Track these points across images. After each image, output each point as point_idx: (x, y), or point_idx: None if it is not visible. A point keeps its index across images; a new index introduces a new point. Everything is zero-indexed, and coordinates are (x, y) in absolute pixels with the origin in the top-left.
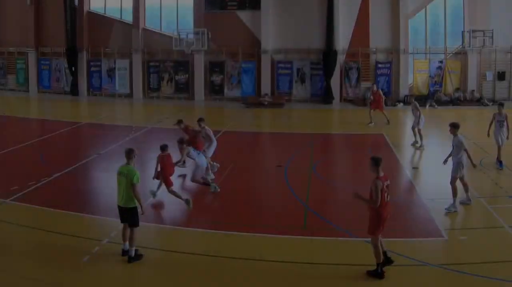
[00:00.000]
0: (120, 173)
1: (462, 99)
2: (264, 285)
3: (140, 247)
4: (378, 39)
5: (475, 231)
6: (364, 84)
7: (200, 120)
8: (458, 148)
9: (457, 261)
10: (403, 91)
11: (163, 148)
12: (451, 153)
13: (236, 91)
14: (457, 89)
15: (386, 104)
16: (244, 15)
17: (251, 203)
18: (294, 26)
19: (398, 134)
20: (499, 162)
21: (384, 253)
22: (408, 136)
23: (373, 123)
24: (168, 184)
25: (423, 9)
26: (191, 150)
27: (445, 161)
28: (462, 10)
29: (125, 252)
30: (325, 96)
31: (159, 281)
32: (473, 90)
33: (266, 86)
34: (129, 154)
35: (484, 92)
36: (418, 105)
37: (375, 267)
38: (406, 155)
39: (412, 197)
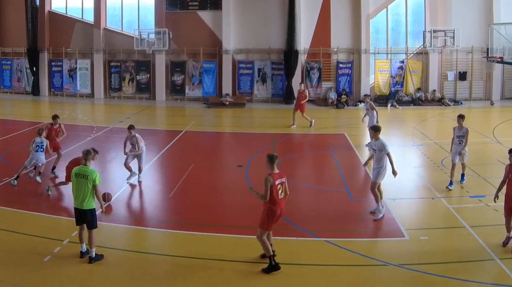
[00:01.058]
0: (78, 174)
1: (423, 99)
2: (225, 285)
3: (101, 247)
4: (339, 39)
5: (437, 231)
6: (326, 84)
7: (130, 128)
8: (381, 152)
9: (418, 261)
10: (365, 91)
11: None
12: (371, 156)
13: (197, 91)
14: (418, 89)
15: (347, 104)
16: (205, 15)
17: (211, 203)
18: (255, 26)
19: (360, 134)
20: (451, 183)
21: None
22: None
23: (295, 125)
24: None
25: (384, 9)
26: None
27: (365, 164)
28: (424, 10)
29: (83, 254)
30: (286, 96)
31: (120, 281)
32: (434, 90)
33: (227, 86)
34: (87, 155)
35: (445, 92)
36: (374, 104)
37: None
38: (367, 155)
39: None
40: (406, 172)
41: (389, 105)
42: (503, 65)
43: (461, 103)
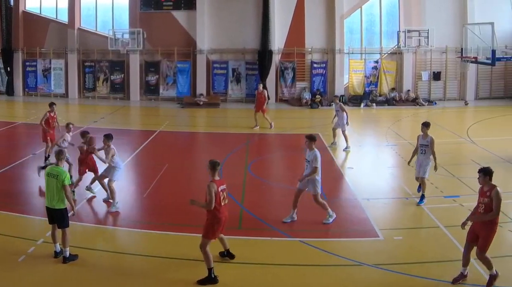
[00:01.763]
0: (49, 174)
1: (397, 99)
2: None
3: (75, 247)
4: (313, 39)
5: (411, 231)
6: (300, 84)
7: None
8: (314, 162)
9: (392, 261)
10: (339, 91)
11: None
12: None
13: (172, 91)
14: (393, 89)
15: (321, 104)
16: (180, 15)
17: (185, 203)
18: (229, 26)
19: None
20: (421, 196)
21: (227, 250)
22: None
23: (258, 127)
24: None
25: (358, 9)
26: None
27: (301, 180)
28: (398, 10)
29: (57, 254)
30: None
31: (94, 281)
32: (408, 90)
33: (201, 86)
34: (59, 155)
35: (419, 92)
36: (343, 106)
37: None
38: (341, 155)
39: (348, 197)
40: (380, 172)
41: (362, 105)
42: (477, 65)
43: (435, 103)
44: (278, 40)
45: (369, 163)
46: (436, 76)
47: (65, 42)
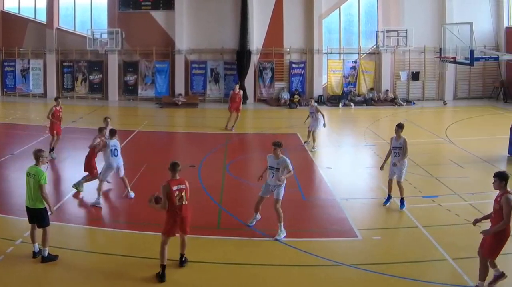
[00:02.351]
0: (28, 174)
1: (376, 99)
2: (177, 285)
3: (53, 247)
4: (292, 39)
5: (389, 231)
6: (278, 84)
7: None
8: (284, 169)
9: (371, 261)
10: (317, 91)
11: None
12: (273, 174)
13: (150, 91)
14: (371, 89)
15: (300, 104)
16: (158, 15)
17: None
18: (208, 26)
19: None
20: (388, 198)
21: (181, 254)
22: (323, 136)
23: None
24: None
25: (337, 9)
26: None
27: (257, 177)
28: (376, 10)
29: (35, 254)
30: None
31: (73, 281)
32: (387, 90)
33: (180, 86)
34: (37, 154)
35: (398, 92)
36: (319, 107)
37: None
38: (320, 155)
39: (326, 197)
40: (358, 172)
41: (341, 105)
42: (456, 65)
43: (414, 103)
44: (256, 40)
45: (347, 163)
46: (415, 76)
47: (44, 42)
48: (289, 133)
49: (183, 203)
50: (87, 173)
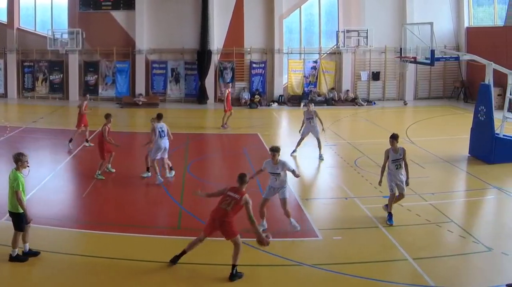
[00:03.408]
0: (9, 177)
1: (336, 99)
2: (137, 285)
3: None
4: (252, 39)
5: (350, 231)
6: (239, 84)
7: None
8: (286, 171)
9: (332, 261)
10: (278, 91)
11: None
12: (276, 179)
13: (111, 91)
14: (332, 89)
15: (260, 104)
16: (119, 15)
17: (125, 202)
18: (168, 26)
19: (273, 134)
20: (390, 216)
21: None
22: (283, 136)
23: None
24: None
25: (298, 9)
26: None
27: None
28: (337, 10)
29: (25, 254)
30: (200, 96)
31: (33, 282)
32: (347, 90)
33: (140, 86)
34: (16, 158)
35: (358, 92)
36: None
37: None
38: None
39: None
40: (319, 172)
41: (302, 105)
42: (416, 65)
43: (374, 103)
44: (217, 40)
45: (308, 163)
46: (375, 76)
47: (4, 42)
48: (249, 133)
49: (226, 208)
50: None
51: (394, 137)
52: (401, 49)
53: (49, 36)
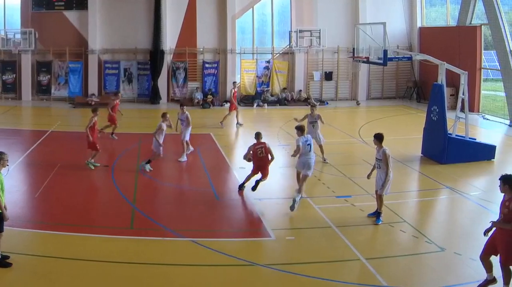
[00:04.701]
0: None
1: (289, 99)
2: (89, 285)
3: None
4: (205, 39)
5: (303, 231)
6: (192, 84)
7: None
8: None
9: (284, 261)
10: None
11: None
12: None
13: (64, 91)
14: (284, 89)
15: (213, 104)
16: (71, 15)
17: (77, 203)
18: (121, 26)
19: (225, 134)
20: (376, 214)
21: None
22: (237, 136)
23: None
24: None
25: (250, 9)
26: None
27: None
28: (290, 11)
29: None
30: (153, 96)
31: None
32: (300, 90)
33: (93, 86)
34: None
35: (311, 92)
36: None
37: None
38: (233, 155)
39: (239, 197)
40: (272, 172)
41: (255, 105)
42: (369, 65)
43: (327, 103)
44: (170, 40)
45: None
46: (328, 76)
47: None
48: (202, 133)
49: (262, 155)
50: (94, 152)
51: (375, 137)
52: (353, 49)
53: (1, 36)
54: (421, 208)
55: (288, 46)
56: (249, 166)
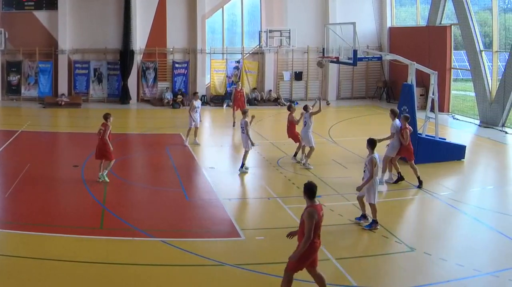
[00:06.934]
0: None
1: (259, 99)
2: (59, 285)
3: None
4: (175, 39)
5: (273, 231)
6: (161, 84)
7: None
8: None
9: (254, 261)
10: (201, 91)
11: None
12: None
13: (33, 91)
14: (254, 89)
15: (183, 104)
16: (41, 15)
17: (48, 202)
18: (91, 26)
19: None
20: (361, 216)
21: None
22: (206, 135)
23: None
24: None
25: (220, 9)
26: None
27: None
28: (259, 11)
29: None
30: (122, 96)
31: None
32: (270, 90)
33: (63, 86)
34: None
35: (281, 92)
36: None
37: None
38: (203, 155)
39: (209, 197)
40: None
41: (225, 105)
42: (339, 65)
43: (297, 103)
44: (139, 40)
45: (230, 163)
46: (298, 76)
47: None
48: (172, 133)
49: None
50: (107, 161)
51: (368, 143)
52: (323, 49)
53: None
54: (391, 208)
55: (258, 46)
56: (219, 165)
